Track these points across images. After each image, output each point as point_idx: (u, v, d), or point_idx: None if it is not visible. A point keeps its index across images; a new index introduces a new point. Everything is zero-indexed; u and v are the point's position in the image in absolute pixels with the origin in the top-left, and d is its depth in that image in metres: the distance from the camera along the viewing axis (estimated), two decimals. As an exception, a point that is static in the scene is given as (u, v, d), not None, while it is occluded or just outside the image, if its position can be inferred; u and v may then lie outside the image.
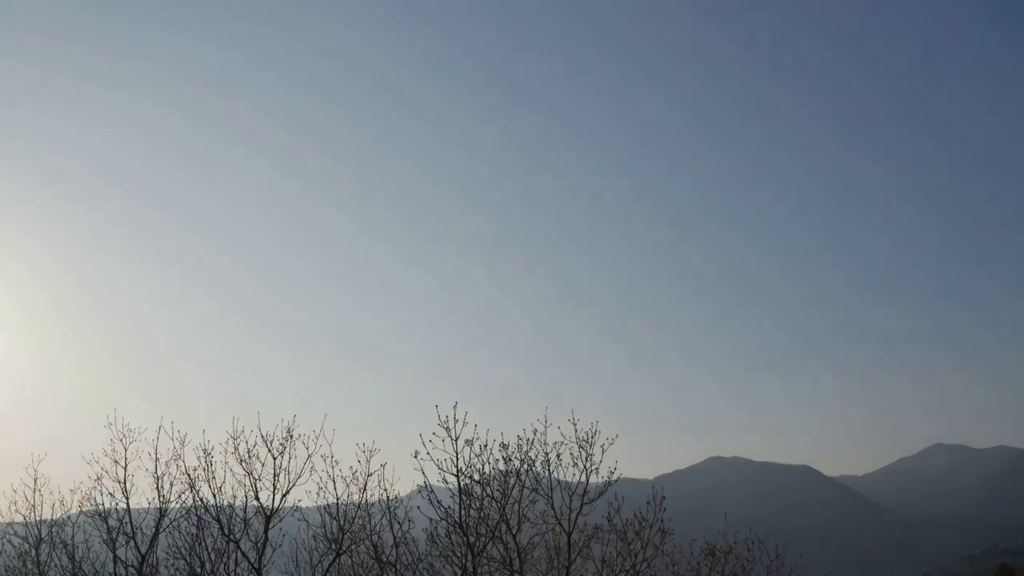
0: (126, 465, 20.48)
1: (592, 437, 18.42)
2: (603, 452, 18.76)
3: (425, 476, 16.53)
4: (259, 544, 19.79)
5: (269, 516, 19.66)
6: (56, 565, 20.73)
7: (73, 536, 20.65)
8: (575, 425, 18.30)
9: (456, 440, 16.60)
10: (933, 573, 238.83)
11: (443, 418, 16.46)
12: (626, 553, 18.73)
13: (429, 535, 17.29)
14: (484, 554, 16.80)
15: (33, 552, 20.89)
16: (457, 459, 16.70)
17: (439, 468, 16.51)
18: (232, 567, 19.84)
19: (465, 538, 16.76)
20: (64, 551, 20.66)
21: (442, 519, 16.83)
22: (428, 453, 16.36)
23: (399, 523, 17.50)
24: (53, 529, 20.88)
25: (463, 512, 16.72)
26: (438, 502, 16.84)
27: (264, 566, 19.64)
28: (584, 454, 18.21)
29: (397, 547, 17.28)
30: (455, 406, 16.63)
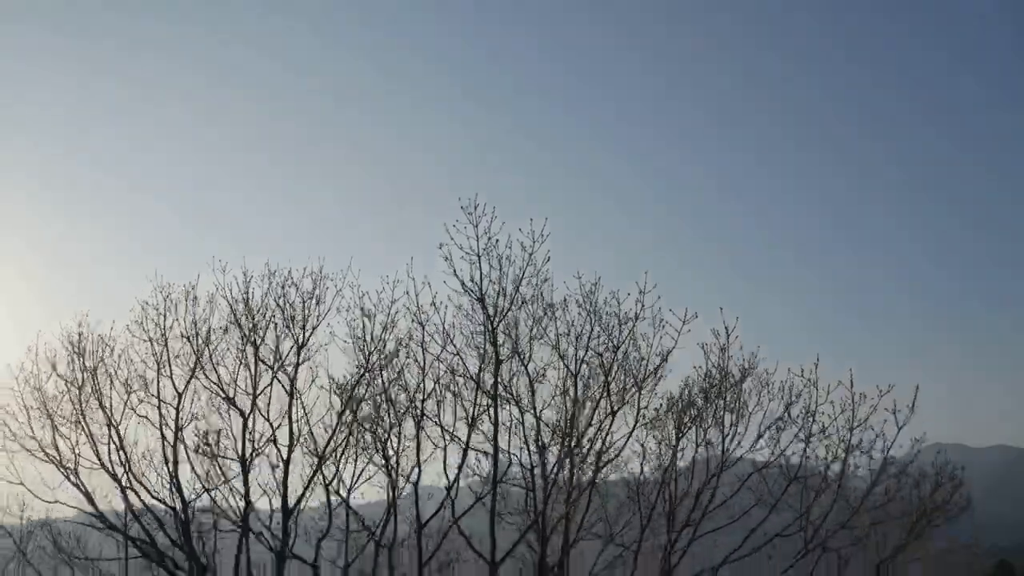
0: (165, 313, 21.83)
1: (595, 287, 19.83)
2: (606, 304, 20.20)
3: (451, 260, 17.93)
4: (292, 375, 21.24)
5: (301, 346, 21.13)
6: (103, 393, 21.96)
7: (117, 366, 21.93)
8: (579, 279, 19.66)
9: (477, 226, 18.02)
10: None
11: (466, 204, 17.86)
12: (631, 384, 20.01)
13: (452, 334, 18.70)
14: (503, 323, 18.23)
15: (76, 391, 22.10)
16: (478, 243, 18.14)
17: (462, 249, 17.91)
18: (267, 392, 21.34)
19: (484, 309, 18.23)
20: (109, 378, 21.90)
21: (462, 291, 18.18)
22: (452, 239, 17.80)
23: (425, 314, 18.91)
24: (97, 373, 22.12)
25: (483, 283, 18.16)
26: (458, 277, 18.18)
27: (298, 388, 21.09)
28: (589, 303, 19.59)
29: (423, 326, 18.71)
30: (475, 195, 18.05)
